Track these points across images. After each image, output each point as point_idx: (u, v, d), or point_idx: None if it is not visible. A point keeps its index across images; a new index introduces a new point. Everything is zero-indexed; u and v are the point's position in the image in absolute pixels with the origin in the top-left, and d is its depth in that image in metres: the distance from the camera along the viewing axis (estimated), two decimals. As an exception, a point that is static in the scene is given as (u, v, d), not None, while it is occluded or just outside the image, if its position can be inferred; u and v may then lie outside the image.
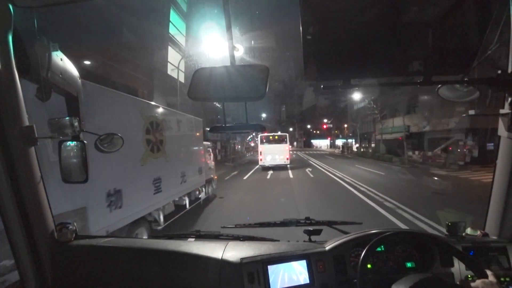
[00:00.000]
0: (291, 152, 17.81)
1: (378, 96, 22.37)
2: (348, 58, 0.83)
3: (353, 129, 42.10)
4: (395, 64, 0.84)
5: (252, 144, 40.40)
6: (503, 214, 1.16)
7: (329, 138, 59.08)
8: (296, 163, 20.07)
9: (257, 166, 16.96)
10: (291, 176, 12.60)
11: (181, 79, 15.26)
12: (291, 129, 60.70)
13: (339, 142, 52.17)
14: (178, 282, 1.04)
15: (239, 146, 40.56)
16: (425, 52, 0.82)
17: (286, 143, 16.91)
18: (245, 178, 12.48)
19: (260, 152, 16.54)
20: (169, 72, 14.88)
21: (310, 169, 15.11)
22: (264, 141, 17.11)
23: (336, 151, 45.51)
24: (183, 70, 15.57)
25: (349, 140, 47.80)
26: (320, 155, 33.13)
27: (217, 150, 25.92)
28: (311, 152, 44.97)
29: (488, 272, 0.83)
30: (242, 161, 25.68)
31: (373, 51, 0.82)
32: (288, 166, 16.55)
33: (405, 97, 18.87)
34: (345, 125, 47.97)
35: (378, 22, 0.79)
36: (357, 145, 39.54)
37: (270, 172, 14.32)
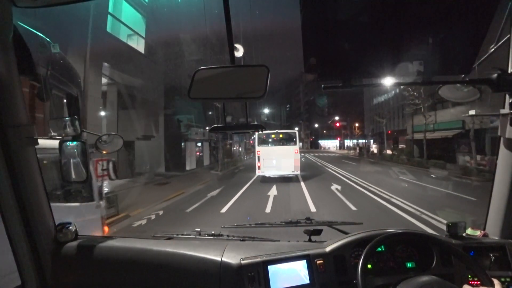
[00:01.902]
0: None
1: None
2: (348, 58, 1.04)
3: (374, 127, 42.77)
4: (395, 64, 1.03)
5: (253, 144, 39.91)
6: (503, 214, 1.43)
7: (338, 139, 61.07)
8: (310, 171, 17.96)
9: (255, 177, 14.79)
10: (311, 206, 8.23)
11: (140, 47, 13.61)
12: (296, 128, 62.19)
13: (349, 142, 54.20)
14: (178, 282, 1.29)
15: (237, 147, 40.10)
16: (425, 52, 1.01)
17: (295, 144, 14.51)
18: (224, 210, 8.00)
19: (258, 157, 14.24)
20: (123, 37, 12.39)
21: (338, 187, 11.49)
22: (266, 140, 14.76)
23: (351, 153, 46.11)
24: (143, 35, 14.05)
25: (361, 141, 48.52)
26: (335, 159, 32.33)
27: (202, 153, 24.83)
28: (321, 154, 45.21)
29: (495, 281, 1.02)
30: (237, 167, 24.14)
31: (373, 51, 1.02)
32: (300, 176, 14.23)
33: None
34: (356, 124, 48.71)
35: (378, 22, 0.98)
36: (376, 145, 39.90)
37: (273, 191, 10.66)
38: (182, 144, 20.58)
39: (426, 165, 18.85)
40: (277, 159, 13.93)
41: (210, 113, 22.25)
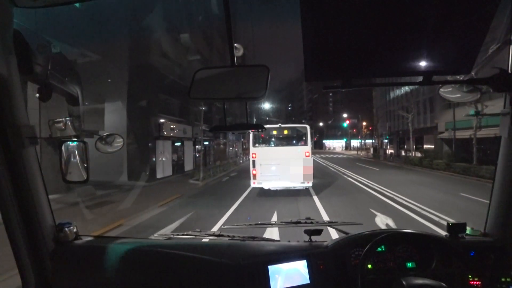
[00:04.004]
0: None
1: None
2: (348, 58, 1.22)
3: (390, 125, 41.75)
4: (395, 64, 1.23)
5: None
6: (503, 214, 1.63)
7: (359, 137, 64.05)
8: (325, 180, 16.34)
9: (249, 190, 13.06)
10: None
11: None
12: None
13: (357, 142, 57.92)
14: (178, 282, 1.49)
15: (233, 148, 40.45)
16: (425, 52, 1.19)
17: (305, 143, 12.32)
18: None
19: (253, 162, 11.98)
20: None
21: (389, 221, 7.84)
22: (265, 138, 12.85)
23: (362, 154, 47.92)
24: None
25: (368, 141, 50.70)
26: (348, 162, 31.67)
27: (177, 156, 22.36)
28: (328, 155, 46.06)
29: None
30: (228, 173, 22.33)
31: (373, 51, 1.20)
32: (312, 190, 12.43)
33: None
34: (364, 124, 50.94)
35: (379, 22, 1.14)
36: (392, 146, 40.15)
37: (271, 232, 5.68)
38: (156, 144, 18.73)
39: (480, 173, 16.63)
40: (280, 164, 11.79)
41: (202, 108, 20.17)
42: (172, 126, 20.72)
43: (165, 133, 19.68)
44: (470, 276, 1.56)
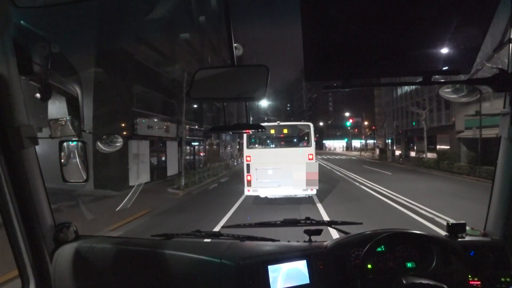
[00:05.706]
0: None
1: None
2: (348, 58, 1.34)
3: (398, 124, 41.00)
4: (395, 64, 1.36)
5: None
6: (503, 214, 1.74)
7: (362, 137, 65.21)
8: (329, 184, 15.66)
9: (240, 200, 12.46)
10: None
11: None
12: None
13: (358, 143, 60.54)
14: (178, 282, 1.59)
15: (228, 148, 40.32)
16: (425, 52, 1.31)
17: (307, 144, 11.71)
18: None
19: (248, 166, 11.31)
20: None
21: None
22: (262, 138, 12.49)
23: (366, 155, 48.46)
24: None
25: (370, 141, 52.60)
26: (352, 164, 31.66)
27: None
28: (330, 156, 46.57)
29: None
30: (218, 178, 21.24)
31: (373, 51, 1.32)
32: (318, 201, 11.56)
33: None
34: (366, 123, 52.77)
35: (378, 22, 1.26)
36: (399, 146, 39.68)
37: None
38: (129, 144, 16.73)
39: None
40: (278, 169, 11.19)
41: (184, 103, 18.59)
42: (149, 124, 18.84)
43: (139, 131, 17.64)
44: (469, 276, 1.67)
